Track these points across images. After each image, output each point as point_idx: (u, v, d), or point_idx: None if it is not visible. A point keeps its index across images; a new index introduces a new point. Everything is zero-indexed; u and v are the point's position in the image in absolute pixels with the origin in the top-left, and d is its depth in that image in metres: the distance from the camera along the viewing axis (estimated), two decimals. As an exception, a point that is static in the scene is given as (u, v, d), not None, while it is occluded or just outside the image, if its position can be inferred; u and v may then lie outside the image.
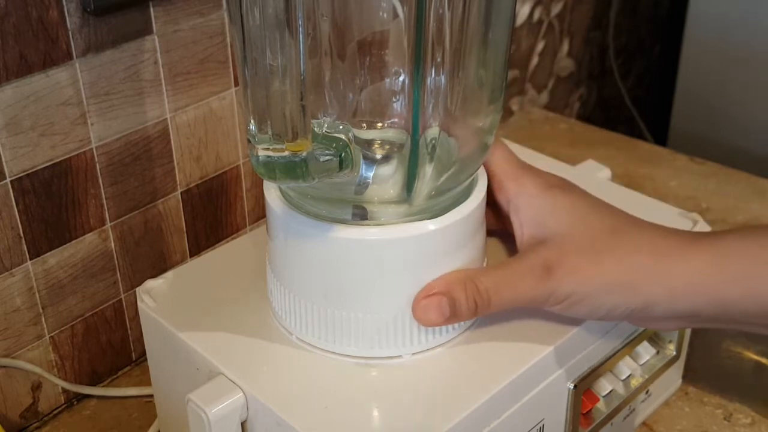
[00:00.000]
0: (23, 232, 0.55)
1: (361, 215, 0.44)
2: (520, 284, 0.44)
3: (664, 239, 0.44)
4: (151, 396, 0.57)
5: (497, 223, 0.50)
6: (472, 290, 0.43)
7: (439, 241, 0.44)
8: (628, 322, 0.46)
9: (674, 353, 0.57)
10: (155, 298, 0.51)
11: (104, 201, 0.59)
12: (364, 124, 0.43)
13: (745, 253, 0.42)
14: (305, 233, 0.44)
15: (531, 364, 0.46)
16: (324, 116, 0.43)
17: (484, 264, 0.48)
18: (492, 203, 0.49)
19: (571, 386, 0.49)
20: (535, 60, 1.00)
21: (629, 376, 0.54)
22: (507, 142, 0.51)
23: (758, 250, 0.42)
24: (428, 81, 0.41)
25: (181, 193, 0.64)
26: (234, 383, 0.45)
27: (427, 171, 0.43)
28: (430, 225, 0.44)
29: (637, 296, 0.43)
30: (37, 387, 0.60)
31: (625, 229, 0.45)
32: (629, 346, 0.53)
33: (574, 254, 0.44)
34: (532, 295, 0.44)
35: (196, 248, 0.67)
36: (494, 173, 0.48)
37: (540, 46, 1.00)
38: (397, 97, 0.42)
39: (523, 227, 0.47)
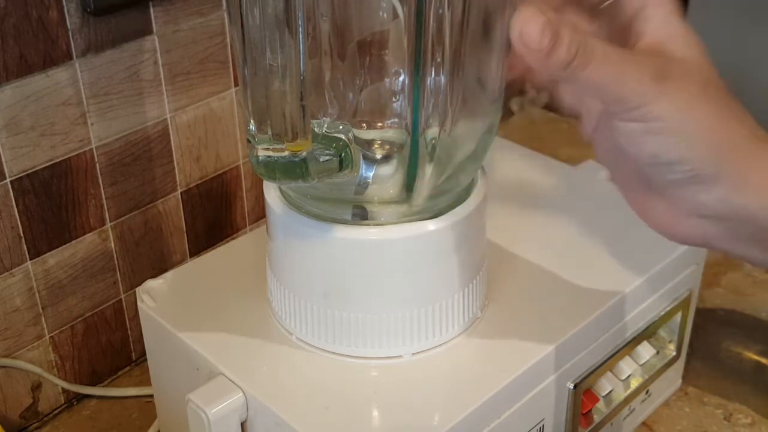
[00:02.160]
0: (23, 232, 0.55)
1: (361, 215, 0.44)
2: (629, 70, 0.39)
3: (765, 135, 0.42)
4: (151, 396, 0.57)
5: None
6: (581, 40, 0.38)
7: (439, 241, 0.44)
8: (652, 200, 0.42)
9: (674, 353, 0.57)
10: (155, 298, 0.51)
11: (104, 201, 0.59)
12: (364, 124, 0.43)
13: None
14: (305, 233, 0.44)
15: (531, 364, 0.46)
16: (324, 116, 0.43)
17: (485, 265, 0.48)
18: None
19: (571, 386, 0.49)
20: (535, 60, 1.00)
21: (629, 376, 0.54)
22: (506, 141, 0.48)
23: None
24: (428, 81, 0.41)
25: (181, 193, 0.64)
26: (234, 383, 0.45)
27: (427, 171, 0.43)
28: (430, 225, 0.44)
29: (715, 163, 0.40)
30: (37, 387, 0.60)
31: (740, 107, 0.42)
32: (629, 346, 0.53)
33: (694, 83, 0.40)
34: (631, 88, 0.39)
35: (196, 248, 0.67)
36: None
37: (540, 46, 0.99)
38: (397, 97, 0.42)
39: (649, 35, 0.42)
